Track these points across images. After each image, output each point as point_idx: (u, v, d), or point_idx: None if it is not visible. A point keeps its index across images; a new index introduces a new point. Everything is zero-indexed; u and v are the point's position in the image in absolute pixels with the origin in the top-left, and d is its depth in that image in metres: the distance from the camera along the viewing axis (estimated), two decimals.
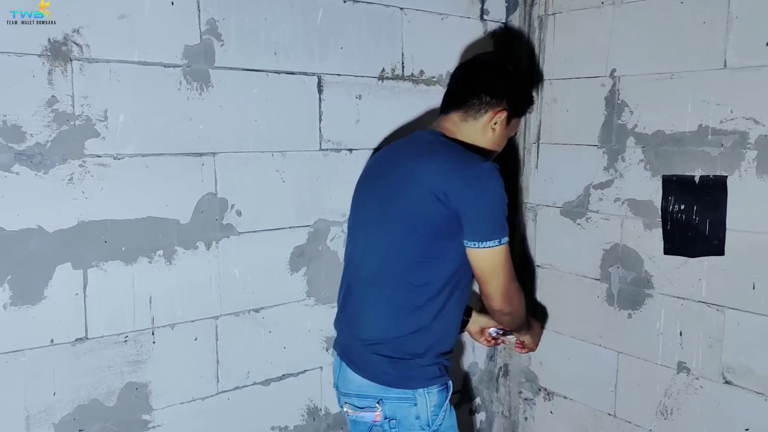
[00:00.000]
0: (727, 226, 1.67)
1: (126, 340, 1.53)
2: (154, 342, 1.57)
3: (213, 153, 1.61)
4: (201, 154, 1.59)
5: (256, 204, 1.70)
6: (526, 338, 1.87)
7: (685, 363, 1.80)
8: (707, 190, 1.70)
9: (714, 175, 1.69)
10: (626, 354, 1.96)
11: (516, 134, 2.00)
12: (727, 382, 1.71)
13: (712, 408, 1.75)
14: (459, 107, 1.56)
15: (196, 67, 1.55)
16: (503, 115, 1.55)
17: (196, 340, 1.64)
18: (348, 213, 1.85)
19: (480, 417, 2.40)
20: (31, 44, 1.33)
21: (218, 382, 1.70)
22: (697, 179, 1.72)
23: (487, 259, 1.42)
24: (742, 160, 1.63)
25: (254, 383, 1.77)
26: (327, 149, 1.81)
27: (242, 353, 1.73)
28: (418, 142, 1.55)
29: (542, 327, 2.08)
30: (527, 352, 1.98)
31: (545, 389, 2.24)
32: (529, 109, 1.88)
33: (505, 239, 1.43)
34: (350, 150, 1.86)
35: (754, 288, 1.63)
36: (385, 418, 1.46)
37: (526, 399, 2.32)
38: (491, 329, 1.82)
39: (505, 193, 1.43)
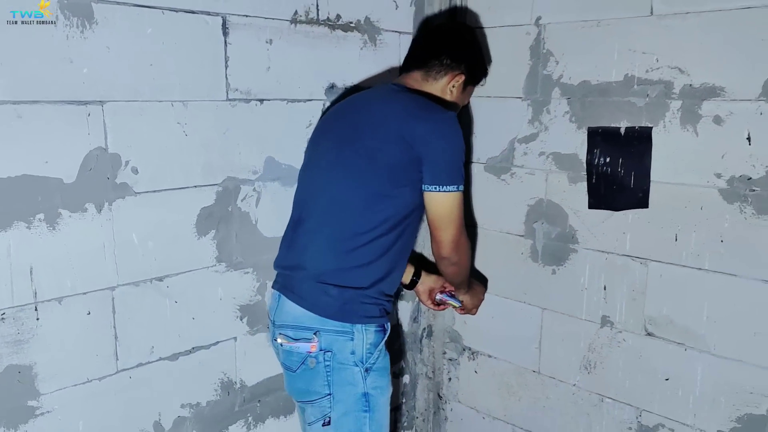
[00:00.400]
0: (651, 178, 1.65)
1: (3, 318, 1.32)
2: (38, 319, 1.37)
3: (101, 102, 1.40)
4: (86, 103, 1.37)
5: (155, 160, 1.51)
6: (465, 298, 1.87)
7: (608, 317, 1.79)
8: (632, 141, 1.67)
9: (639, 127, 1.65)
10: (550, 310, 1.94)
11: (468, 103, 1.94)
12: (649, 334, 1.71)
13: (634, 360, 1.75)
14: (421, 67, 1.63)
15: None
16: (461, 79, 1.64)
17: (89, 314, 1.45)
18: (261, 171, 1.73)
19: (404, 379, 2.35)
20: None
21: (117, 359, 1.52)
22: (622, 131, 1.69)
23: (445, 204, 1.46)
24: (667, 111, 1.60)
25: (160, 359, 1.60)
26: (235, 99, 1.64)
27: (145, 327, 1.56)
28: (383, 91, 1.63)
29: (485, 290, 2.03)
30: (465, 313, 1.95)
31: (469, 349, 2.20)
32: (482, 82, 1.88)
33: (462, 187, 1.48)
34: (261, 101, 1.69)
35: (676, 240, 1.63)
36: (321, 350, 1.45)
37: (450, 359, 2.27)
38: (438, 295, 1.85)
39: (464, 143, 1.50)
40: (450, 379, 2.29)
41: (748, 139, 1.48)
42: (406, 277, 1.85)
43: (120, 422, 1.55)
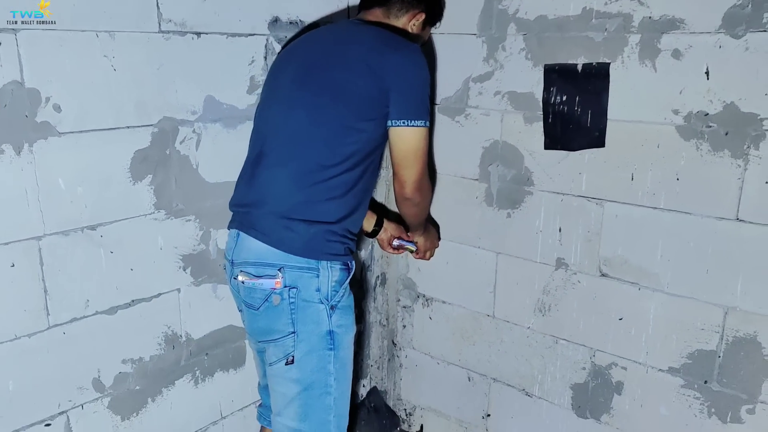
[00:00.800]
0: (608, 117, 1.61)
1: None
2: None
3: (13, 29, 1.25)
4: None
5: (81, 97, 1.37)
6: (420, 239, 1.87)
7: (563, 259, 1.77)
8: (590, 78, 1.62)
9: (597, 63, 1.60)
10: (505, 254, 1.91)
11: (425, 44, 1.87)
12: (604, 275, 1.70)
13: (588, 301, 1.75)
14: (381, 4, 1.59)
15: None
16: (421, 17, 1.62)
17: (13, 266, 1.33)
18: (201, 111, 1.61)
19: (358, 328, 2.30)
20: None
21: (49, 314, 1.41)
22: (579, 67, 1.63)
23: (411, 140, 1.43)
24: (626, 45, 1.55)
25: (96, 313, 1.50)
26: (168, 32, 1.50)
27: (77, 279, 1.45)
28: (345, 25, 1.60)
29: (438, 236, 2.01)
30: (420, 258, 1.93)
31: (423, 295, 2.17)
32: (437, 25, 1.83)
33: (428, 123, 1.45)
34: (198, 34, 1.55)
35: (632, 179, 1.60)
36: (285, 287, 1.40)
37: (404, 306, 2.24)
38: (395, 241, 1.85)
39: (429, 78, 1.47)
40: (404, 326, 2.26)
41: (707, 73, 1.44)
42: (368, 225, 1.80)
43: (55, 380, 1.45)
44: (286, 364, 1.40)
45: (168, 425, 1.72)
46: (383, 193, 2.17)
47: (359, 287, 2.24)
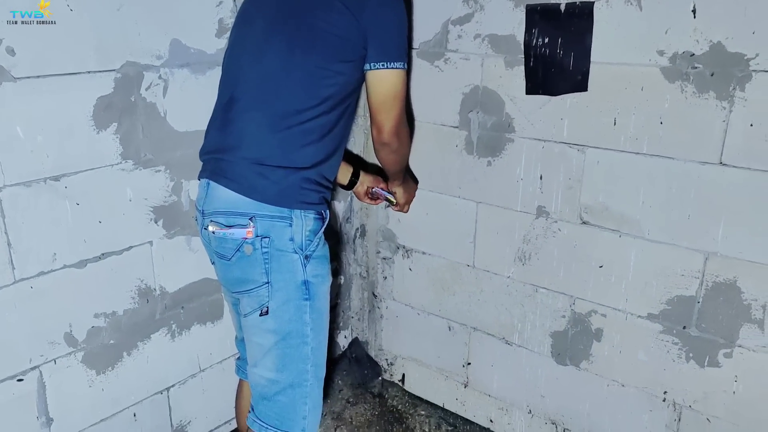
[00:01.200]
0: (591, 59, 1.56)
1: None
2: None
3: None
4: None
5: (36, 40, 1.30)
6: (399, 189, 1.83)
7: (544, 207, 1.75)
8: (573, 19, 1.56)
9: (580, 2, 1.54)
10: (485, 203, 1.88)
11: None
12: (584, 223, 1.68)
13: (569, 249, 1.73)
14: None
15: None
16: None
17: None
18: (167, 56, 1.54)
19: (338, 280, 2.28)
20: None
21: (14, 268, 1.37)
22: (562, 7, 1.57)
23: (389, 82, 1.39)
24: None
25: (64, 266, 1.45)
26: None
27: (43, 232, 1.40)
28: None
29: (416, 186, 1.96)
30: (398, 210, 1.89)
31: (403, 247, 2.14)
32: None
33: (406, 65, 1.42)
34: None
35: (615, 124, 1.56)
36: (258, 236, 1.35)
37: (384, 258, 2.22)
38: (374, 188, 1.80)
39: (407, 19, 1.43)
40: (385, 277, 2.24)
41: (693, 11, 1.39)
42: (345, 178, 1.76)
43: (25, 335, 1.42)
44: (261, 315, 1.37)
45: (145, 379, 1.70)
46: (361, 143, 2.11)
47: (337, 240, 2.21)
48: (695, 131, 1.45)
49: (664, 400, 1.65)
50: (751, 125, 1.38)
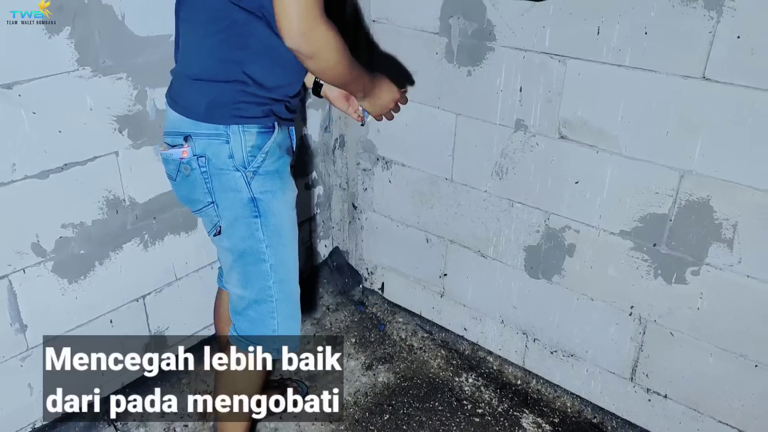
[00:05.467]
0: None
1: None
2: None
3: None
4: None
5: None
6: (364, 104, 1.54)
7: (523, 120, 1.69)
8: None
9: None
10: (465, 116, 1.82)
11: None
12: (563, 137, 1.64)
13: (546, 164, 1.69)
14: None
15: None
16: None
17: None
18: None
19: (317, 191, 2.27)
20: None
21: None
22: None
23: None
24: None
25: (25, 177, 1.43)
26: None
27: None
28: None
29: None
30: (378, 120, 1.63)
31: (383, 158, 2.11)
32: None
33: None
34: None
35: (598, 33, 1.48)
36: (194, 155, 1.31)
37: (364, 169, 2.18)
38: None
39: None
40: (365, 189, 2.22)
41: None
42: (309, 80, 1.66)
43: None
44: (216, 234, 1.36)
45: (120, 287, 1.72)
46: None
47: (307, 151, 2.17)
48: (680, 43, 1.37)
49: (630, 314, 1.68)
50: (738, 37, 1.30)
